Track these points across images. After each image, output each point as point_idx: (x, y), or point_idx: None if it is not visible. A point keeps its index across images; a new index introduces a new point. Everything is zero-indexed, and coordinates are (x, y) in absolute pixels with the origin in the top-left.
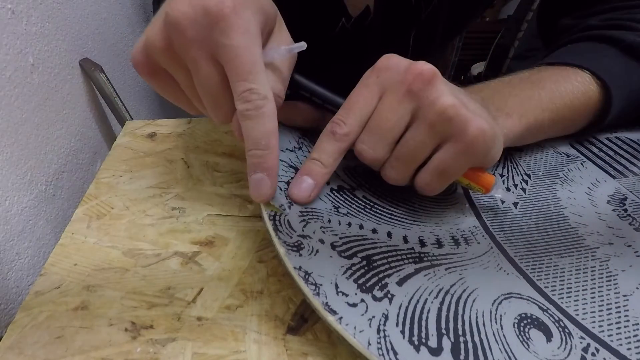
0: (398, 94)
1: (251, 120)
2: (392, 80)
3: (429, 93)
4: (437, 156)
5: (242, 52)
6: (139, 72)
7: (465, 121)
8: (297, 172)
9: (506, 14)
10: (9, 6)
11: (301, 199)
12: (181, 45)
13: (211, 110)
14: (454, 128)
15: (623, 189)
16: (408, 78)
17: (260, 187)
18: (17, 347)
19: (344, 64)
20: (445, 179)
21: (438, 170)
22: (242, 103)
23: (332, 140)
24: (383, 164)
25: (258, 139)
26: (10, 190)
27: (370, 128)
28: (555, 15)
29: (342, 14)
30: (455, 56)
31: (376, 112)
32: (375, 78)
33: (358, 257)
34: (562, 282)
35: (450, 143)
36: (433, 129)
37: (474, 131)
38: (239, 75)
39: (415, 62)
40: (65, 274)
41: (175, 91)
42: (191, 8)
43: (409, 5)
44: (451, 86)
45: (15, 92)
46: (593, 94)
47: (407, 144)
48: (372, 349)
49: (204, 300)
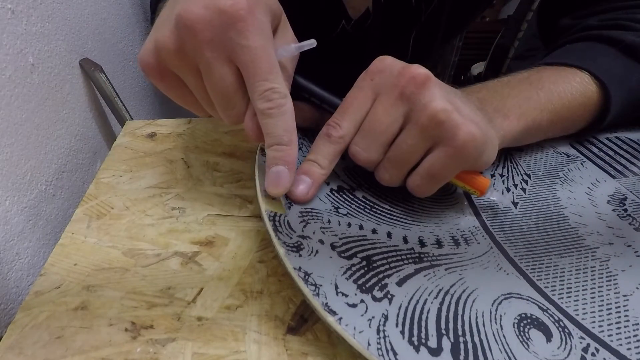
0: (391, 97)
1: (273, 118)
2: (386, 83)
3: (421, 96)
4: (428, 159)
5: (260, 52)
6: (148, 75)
7: (456, 126)
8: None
9: (506, 14)
10: (9, 6)
11: (299, 198)
12: (195, 47)
13: (223, 111)
14: (445, 132)
15: (623, 189)
16: (401, 81)
17: (280, 179)
18: (17, 347)
19: (344, 64)
20: (435, 182)
21: (428, 173)
22: (263, 102)
23: (328, 142)
24: (377, 165)
25: (280, 135)
26: (10, 190)
27: (363, 130)
28: (554, 15)
29: (342, 17)
30: (455, 56)
31: (369, 115)
32: (369, 81)
33: (358, 258)
34: (562, 282)
35: (440, 147)
36: (424, 133)
37: (464, 136)
38: (258, 75)
39: (408, 65)
40: (65, 274)
41: (185, 94)
42: (205, 10)
43: (409, 6)
44: (445, 90)
45: (15, 92)
46: (592, 95)
47: (399, 146)
48: (372, 349)
49: (204, 300)
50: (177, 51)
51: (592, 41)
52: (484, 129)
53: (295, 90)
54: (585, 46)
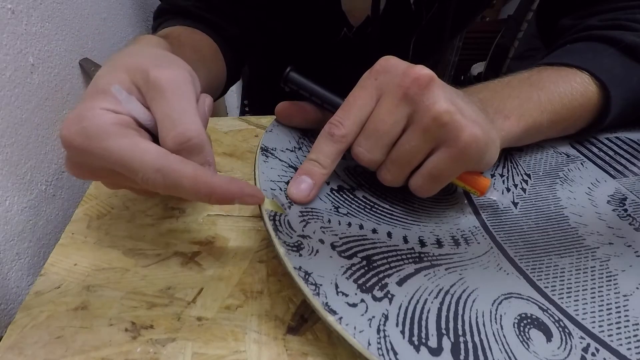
0: (395, 97)
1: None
2: (390, 84)
3: (425, 98)
4: (431, 160)
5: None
6: None
7: (459, 127)
8: (296, 172)
9: (506, 14)
10: (9, 6)
11: (300, 199)
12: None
13: None
14: (448, 134)
15: (623, 189)
16: (405, 82)
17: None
18: (17, 347)
19: (346, 68)
20: (437, 183)
21: (431, 174)
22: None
23: (330, 141)
24: (379, 165)
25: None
26: (10, 190)
27: (367, 131)
28: (555, 16)
29: (343, 24)
30: (455, 56)
31: (373, 115)
32: (373, 80)
33: (358, 257)
34: (562, 282)
35: (443, 148)
36: (427, 134)
37: (467, 138)
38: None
39: (412, 66)
40: (65, 274)
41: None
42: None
43: (409, 12)
44: (448, 91)
45: (15, 92)
46: (592, 95)
47: (402, 147)
48: (372, 349)
49: (204, 300)
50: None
51: (593, 41)
52: (487, 130)
53: (297, 89)
54: (585, 46)
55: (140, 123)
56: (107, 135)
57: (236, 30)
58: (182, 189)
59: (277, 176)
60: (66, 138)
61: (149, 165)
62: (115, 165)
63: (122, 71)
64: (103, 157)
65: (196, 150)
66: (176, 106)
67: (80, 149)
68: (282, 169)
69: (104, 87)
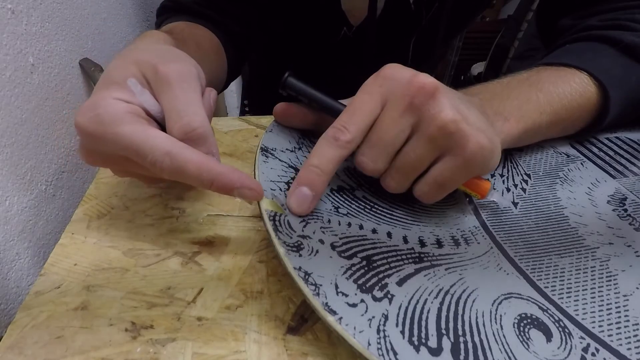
0: (400, 106)
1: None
2: (395, 91)
3: (430, 107)
4: (436, 168)
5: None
6: None
7: (465, 136)
8: (295, 180)
9: (506, 14)
10: (9, 6)
11: (300, 212)
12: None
13: None
14: (454, 143)
15: (623, 189)
16: (411, 90)
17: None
18: (17, 347)
19: (346, 68)
20: (442, 190)
21: (436, 182)
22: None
23: (335, 146)
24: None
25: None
26: (10, 190)
27: (371, 140)
28: (554, 16)
29: (343, 24)
30: (455, 56)
31: (377, 124)
32: (378, 87)
33: (358, 258)
34: (562, 282)
35: (449, 157)
36: (433, 143)
37: (473, 147)
38: None
39: (418, 74)
40: (65, 274)
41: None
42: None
43: (408, 12)
44: (453, 98)
45: (15, 92)
46: (591, 95)
47: (407, 156)
48: (372, 349)
49: (204, 300)
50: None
51: (592, 41)
52: (491, 137)
53: (296, 94)
54: (585, 46)
55: (149, 114)
56: (120, 121)
57: (237, 28)
58: (187, 173)
59: (277, 176)
60: (81, 124)
61: (159, 148)
62: (126, 150)
63: (133, 65)
64: (115, 142)
65: (201, 139)
66: (183, 98)
67: (94, 135)
68: (282, 169)
69: (117, 79)
